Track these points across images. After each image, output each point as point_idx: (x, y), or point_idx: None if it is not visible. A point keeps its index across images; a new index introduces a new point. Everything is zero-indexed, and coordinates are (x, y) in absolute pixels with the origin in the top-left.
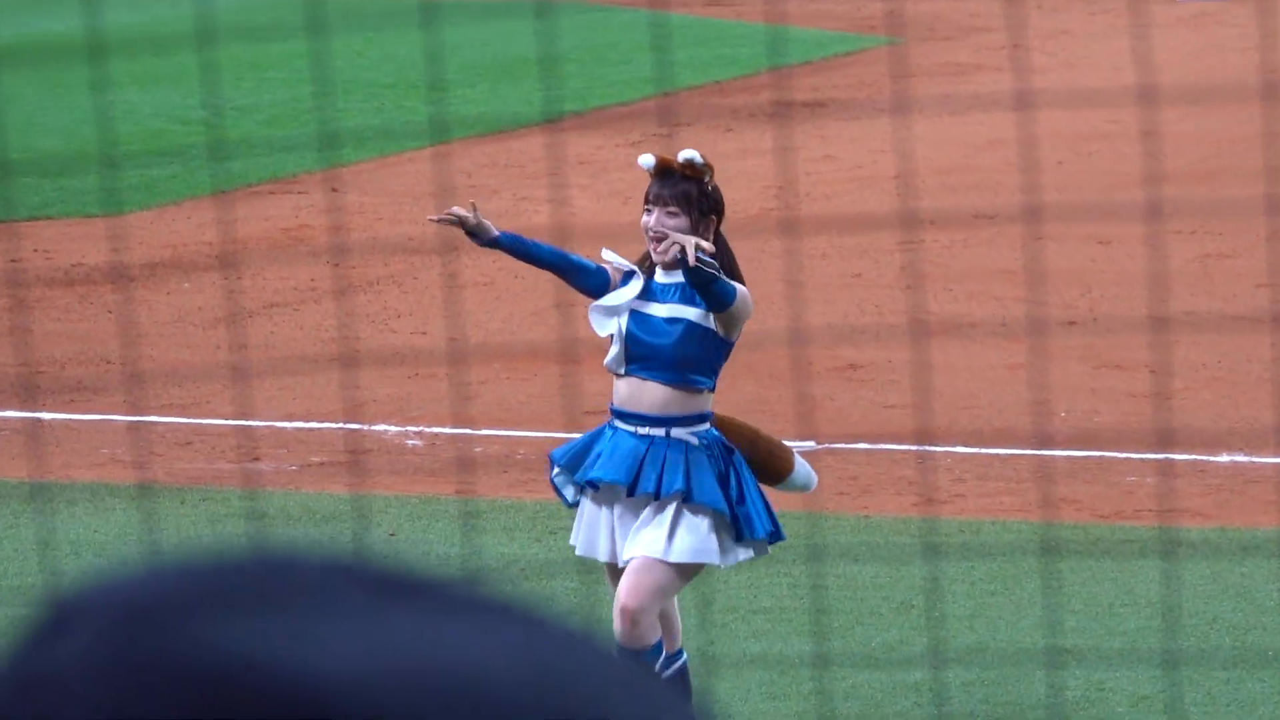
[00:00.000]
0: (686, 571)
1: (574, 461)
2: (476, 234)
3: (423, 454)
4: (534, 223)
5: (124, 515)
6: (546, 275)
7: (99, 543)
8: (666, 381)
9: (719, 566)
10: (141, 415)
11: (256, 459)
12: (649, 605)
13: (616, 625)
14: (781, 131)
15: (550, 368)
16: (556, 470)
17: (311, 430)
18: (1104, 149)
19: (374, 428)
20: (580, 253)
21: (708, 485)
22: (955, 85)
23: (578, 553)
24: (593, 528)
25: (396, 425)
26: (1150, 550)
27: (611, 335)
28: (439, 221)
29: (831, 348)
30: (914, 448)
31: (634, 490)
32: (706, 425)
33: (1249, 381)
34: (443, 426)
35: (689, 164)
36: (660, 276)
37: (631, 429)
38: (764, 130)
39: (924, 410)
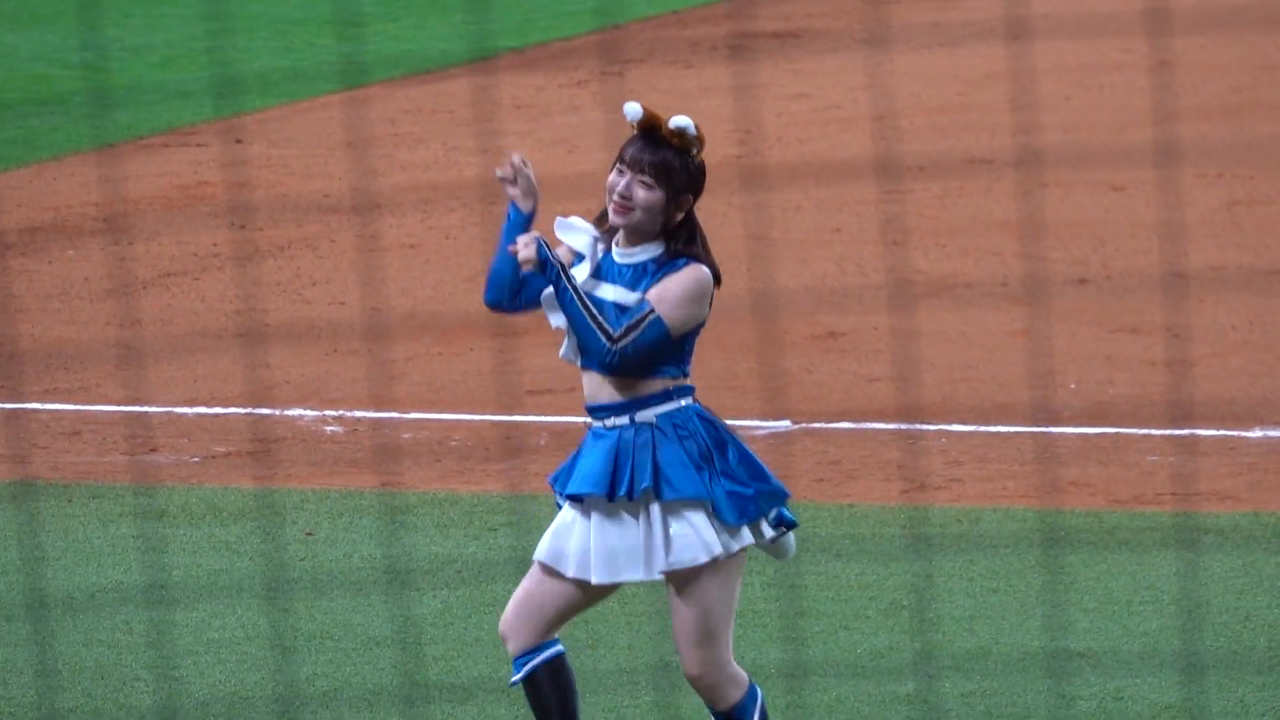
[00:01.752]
0: (722, 579)
1: (552, 475)
2: (524, 197)
3: (342, 442)
4: (465, 175)
5: (1, 516)
6: (480, 234)
7: None
8: (619, 375)
9: (733, 552)
10: (20, 402)
11: (153, 450)
12: (719, 660)
13: (704, 696)
14: (746, 67)
15: (486, 341)
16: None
17: (215, 416)
18: (1115, 82)
19: (287, 413)
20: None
21: (679, 474)
22: (944, 11)
23: (540, 559)
24: (561, 537)
25: (312, 409)
26: (1172, 540)
27: (561, 327)
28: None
29: (807, 314)
30: (903, 426)
31: (613, 495)
32: (680, 402)
33: None
34: (365, 410)
35: (679, 133)
36: (616, 252)
37: (601, 423)
38: (726, 65)
39: (913, 384)
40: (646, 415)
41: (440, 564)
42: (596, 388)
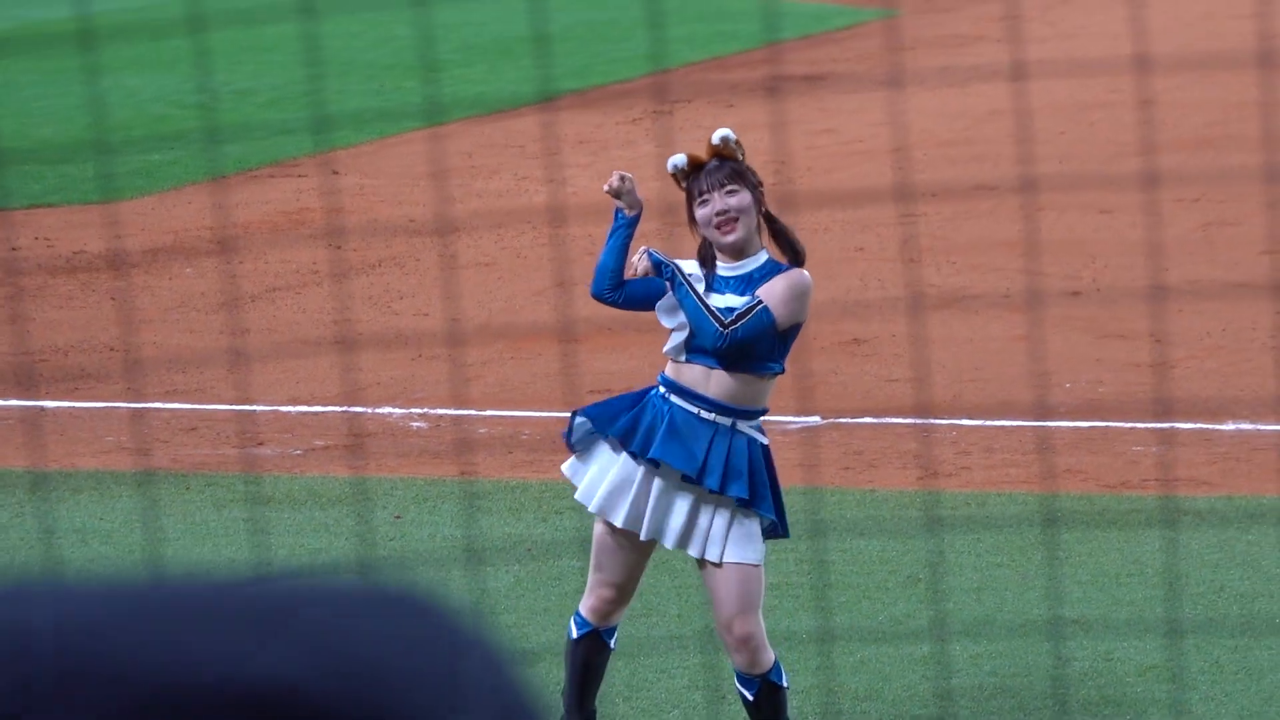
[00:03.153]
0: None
1: (616, 425)
2: (630, 207)
3: (426, 436)
4: (534, 202)
5: (128, 502)
6: (547, 253)
7: (104, 530)
8: (730, 369)
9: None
10: (144, 402)
11: (259, 444)
12: (760, 624)
13: (737, 658)
14: (779, 106)
15: (552, 347)
16: (584, 423)
17: (314, 414)
18: (1104, 118)
19: (377, 410)
20: (586, 233)
21: (766, 494)
22: (954, 57)
23: (592, 509)
24: (619, 492)
25: (399, 408)
26: (1155, 520)
27: (676, 325)
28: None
29: (834, 322)
30: (918, 421)
31: (700, 480)
32: (761, 419)
33: (1252, 349)
34: (445, 408)
35: (725, 141)
36: (721, 269)
37: (694, 410)
38: (762, 104)
39: (927, 384)
40: (746, 428)
41: (512, 543)
42: (701, 380)
